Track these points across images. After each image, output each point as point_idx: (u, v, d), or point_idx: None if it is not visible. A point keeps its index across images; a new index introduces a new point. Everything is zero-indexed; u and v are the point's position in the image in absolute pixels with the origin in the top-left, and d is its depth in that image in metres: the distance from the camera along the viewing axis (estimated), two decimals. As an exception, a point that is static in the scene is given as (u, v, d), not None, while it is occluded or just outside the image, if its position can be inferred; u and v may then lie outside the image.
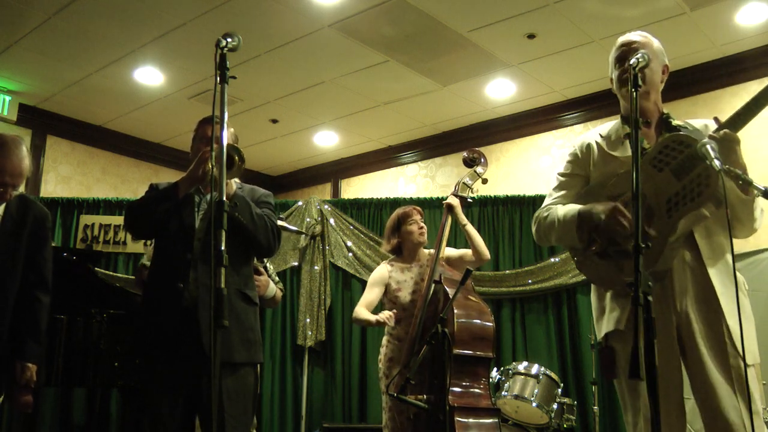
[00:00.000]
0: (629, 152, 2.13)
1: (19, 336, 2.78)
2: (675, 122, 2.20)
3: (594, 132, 2.34)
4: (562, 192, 2.32)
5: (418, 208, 3.79)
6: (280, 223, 4.83)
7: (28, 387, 2.77)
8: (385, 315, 3.45)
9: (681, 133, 2.11)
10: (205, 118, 2.69)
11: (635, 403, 2.06)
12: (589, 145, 2.29)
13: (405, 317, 3.55)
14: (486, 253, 3.64)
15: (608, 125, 2.32)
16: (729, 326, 1.98)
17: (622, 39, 2.28)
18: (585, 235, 2.13)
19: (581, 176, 2.31)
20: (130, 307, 4.18)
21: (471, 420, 3.03)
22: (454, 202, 3.57)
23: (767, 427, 2.22)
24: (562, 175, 2.36)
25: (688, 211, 1.98)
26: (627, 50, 2.21)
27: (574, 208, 2.20)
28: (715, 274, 2.04)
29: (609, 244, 2.07)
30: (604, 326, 2.15)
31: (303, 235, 5.62)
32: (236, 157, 2.30)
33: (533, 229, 2.37)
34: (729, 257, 2.07)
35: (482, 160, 3.70)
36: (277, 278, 4.02)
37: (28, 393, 2.79)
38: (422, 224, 3.73)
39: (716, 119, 2.08)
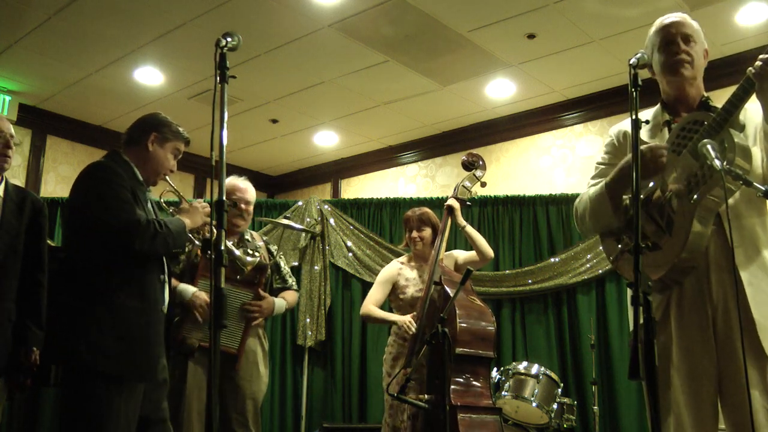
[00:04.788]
0: (666, 139, 2.05)
1: (22, 321, 2.85)
2: (714, 105, 2.09)
3: None
4: (600, 180, 2.22)
5: (422, 213, 3.75)
6: (285, 221, 4.80)
7: (30, 370, 2.86)
8: (407, 320, 3.46)
9: (696, 112, 2.02)
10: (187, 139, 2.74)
11: (664, 397, 1.96)
12: (626, 133, 2.20)
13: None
14: (490, 251, 3.67)
15: (648, 112, 2.21)
16: (754, 319, 1.88)
17: (664, 21, 2.17)
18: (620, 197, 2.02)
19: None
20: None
21: (473, 418, 3.04)
22: (455, 204, 3.57)
23: None
24: (600, 163, 2.29)
25: (708, 189, 1.86)
26: (675, 33, 2.12)
27: (601, 183, 2.14)
28: (743, 261, 1.92)
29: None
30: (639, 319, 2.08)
31: (303, 235, 5.62)
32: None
33: (574, 219, 2.30)
34: (763, 241, 1.95)
35: (481, 163, 3.71)
36: (290, 279, 3.88)
37: (29, 376, 2.89)
38: (416, 234, 3.70)
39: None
